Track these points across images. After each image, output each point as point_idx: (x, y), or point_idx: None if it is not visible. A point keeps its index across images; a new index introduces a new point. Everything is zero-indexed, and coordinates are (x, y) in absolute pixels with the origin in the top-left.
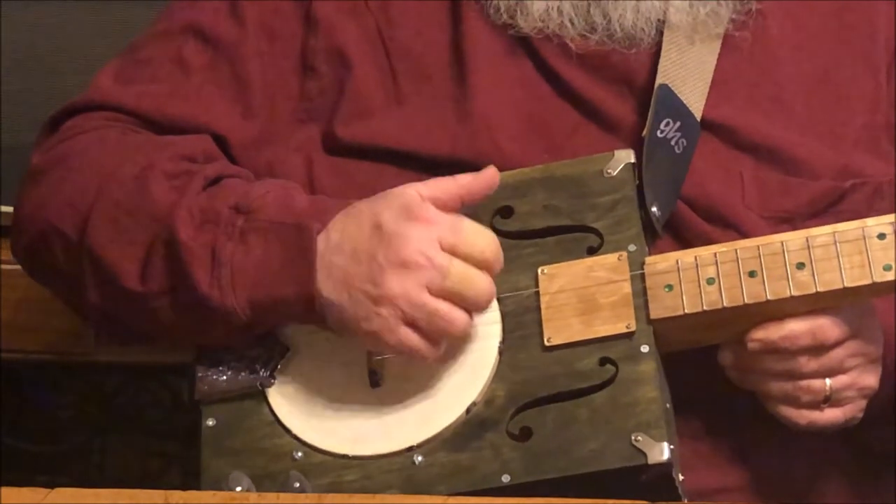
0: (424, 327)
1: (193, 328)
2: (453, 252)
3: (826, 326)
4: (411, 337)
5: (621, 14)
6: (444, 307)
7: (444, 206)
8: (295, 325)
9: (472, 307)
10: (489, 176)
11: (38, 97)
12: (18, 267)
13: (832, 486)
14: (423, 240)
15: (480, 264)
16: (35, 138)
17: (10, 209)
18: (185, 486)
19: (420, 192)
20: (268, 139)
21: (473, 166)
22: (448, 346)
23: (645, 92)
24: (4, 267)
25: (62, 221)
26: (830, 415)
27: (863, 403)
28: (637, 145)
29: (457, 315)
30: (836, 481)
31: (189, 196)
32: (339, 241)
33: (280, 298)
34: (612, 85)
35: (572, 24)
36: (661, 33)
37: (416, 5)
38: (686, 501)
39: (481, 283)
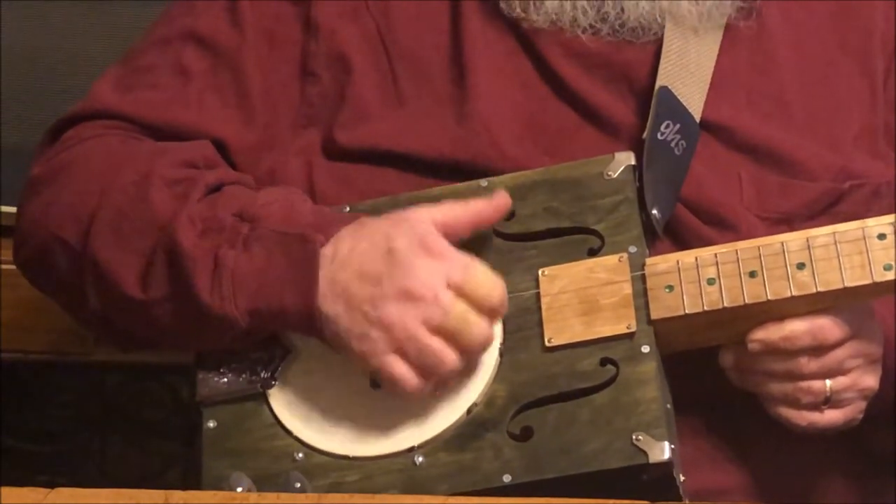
0: (414, 360)
1: (193, 334)
2: (459, 292)
3: (826, 327)
4: (397, 365)
5: (635, 5)
6: (436, 344)
7: (457, 232)
8: None
9: (466, 350)
10: (501, 202)
11: (38, 97)
12: None
13: (833, 486)
14: (432, 274)
15: (483, 309)
16: (35, 147)
17: (10, 209)
18: (185, 486)
19: (434, 218)
20: (268, 145)
21: (473, 168)
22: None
23: (645, 92)
24: (4, 267)
25: (64, 231)
26: (830, 416)
27: (863, 405)
28: (637, 147)
29: (448, 354)
30: (837, 482)
31: (190, 203)
32: (347, 256)
33: (280, 309)
34: (611, 85)
35: (584, 15)
36: (663, 27)
37: (417, 7)
38: (687, 502)
39: (479, 327)
